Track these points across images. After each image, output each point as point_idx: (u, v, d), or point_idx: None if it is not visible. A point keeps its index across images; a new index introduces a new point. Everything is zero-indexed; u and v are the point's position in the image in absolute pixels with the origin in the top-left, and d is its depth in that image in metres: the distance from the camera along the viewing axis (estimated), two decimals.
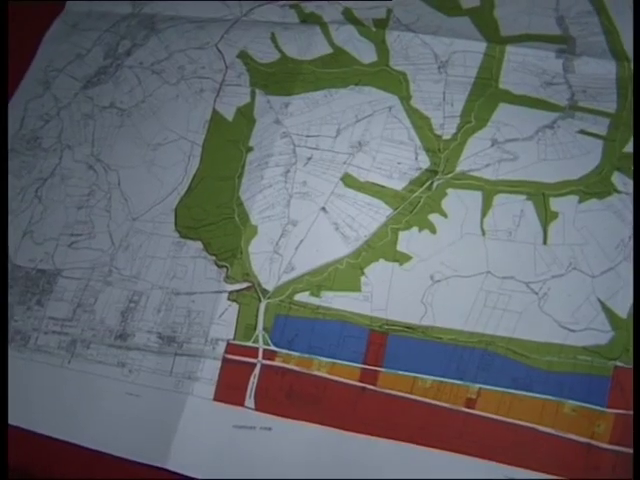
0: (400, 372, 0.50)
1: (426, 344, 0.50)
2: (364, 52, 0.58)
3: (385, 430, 0.51)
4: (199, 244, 0.55)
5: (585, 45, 0.56)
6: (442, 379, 0.50)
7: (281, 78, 0.58)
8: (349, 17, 0.59)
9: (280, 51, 0.59)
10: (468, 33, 0.57)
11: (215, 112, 0.59)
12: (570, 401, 0.50)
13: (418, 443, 0.50)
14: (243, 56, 0.60)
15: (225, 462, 0.50)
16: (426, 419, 0.50)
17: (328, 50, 0.59)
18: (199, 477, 0.49)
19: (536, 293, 0.50)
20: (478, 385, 0.50)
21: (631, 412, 0.47)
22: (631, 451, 0.46)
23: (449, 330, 0.51)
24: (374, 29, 0.59)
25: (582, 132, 0.54)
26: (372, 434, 0.51)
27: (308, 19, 0.60)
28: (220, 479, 0.48)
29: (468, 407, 0.49)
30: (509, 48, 0.57)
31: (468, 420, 0.49)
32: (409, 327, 0.50)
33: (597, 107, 0.55)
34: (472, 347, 0.50)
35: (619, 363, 0.49)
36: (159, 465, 0.50)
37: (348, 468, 0.49)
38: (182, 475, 0.48)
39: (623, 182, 0.52)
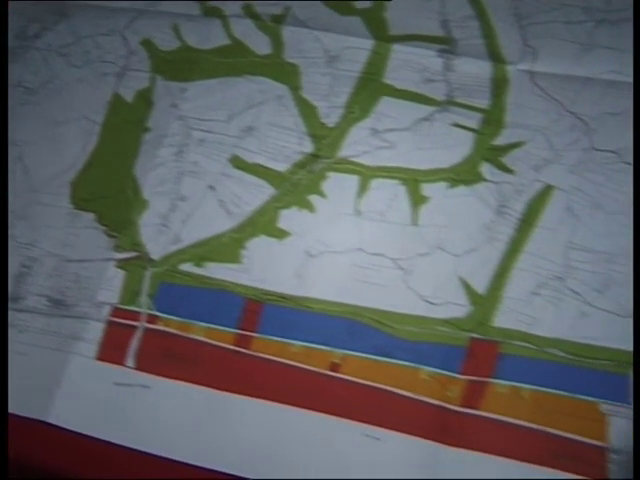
0: (272, 337, 0.57)
1: (298, 313, 0.58)
2: (260, 45, 0.67)
3: (256, 390, 0.57)
4: (93, 216, 0.63)
5: (466, 47, 0.65)
6: (310, 345, 0.57)
7: (180, 65, 0.66)
8: (248, 12, 0.67)
9: (181, 40, 0.68)
10: (358, 31, 0.66)
11: (116, 94, 0.67)
12: (427, 367, 0.57)
13: (286, 403, 0.57)
14: (146, 43, 0.68)
15: (104, 417, 0.57)
16: (294, 381, 0.56)
17: (226, 41, 0.67)
18: (78, 430, 0.56)
19: (402, 269, 0.58)
20: (343, 351, 0.56)
21: (482, 378, 0.55)
22: (480, 413, 0.54)
23: (320, 300, 0.58)
24: (271, 24, 0.67)
25: (456, 125, 0.62)
26: (244, 393, 0.58)
27: (210, 12, 0.68)
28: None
29: (333, 370, 0.56)
30: (395, 46, 0.66)
31: (332, 382, 0.56)
32: (283, 297, 0.58)
33: (471, 103, 0.64)
34: (340, 316, 0.57)
35: (474, 335, 0.56)
36: (39, 418, 0.58)
37: (219, 424, 0.56)
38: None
39: (490, 172, 0.61)
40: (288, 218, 0.62)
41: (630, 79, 0.63)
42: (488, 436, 0.56)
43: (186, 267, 0.60)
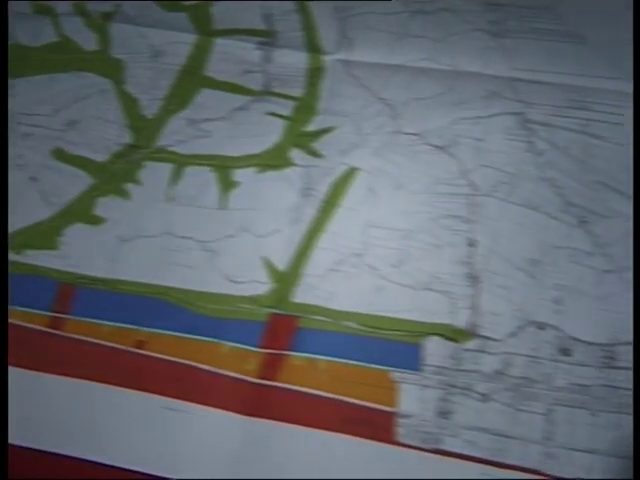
0: (84, 319, 0.65)
1: (109, 294, 0.65)
2: (88, 41, 0.74)
3: (71, 369, 0.64)
4: None
5: (286, 39, 0.73)
6: (119, 324, 0.64)
7: (10, 63, 0.74)
8: (79, 10, 0.75)
9: (12, 38, 0.75)
10: (183, 27, 0.73)
11: None
12: (228, 342, 0.64)
13: (96, 380, 0.64)
14: None
15: None
16: (104, 359, 0.64)
17: (56, 39, 0.75)
18: None
19: (209, 251, 0.66)
20: (150, 329, 0.64)
21: (279, 351, 0.62)
22: (276, 384, 0.61)
23: (132, 282, 0.65)
24: (100, 21, 0.75)
25: (270, 113, 0.70)
26: (57, 373, 0.64)
27: (41, 10, 0.76)
28: None
29: (138, 348, 0.64)
30: (217, 40, 0.74)
31: (137, 359, 0.63)
32: (97, 280, 0.66)
33: (286, 92, 0.71)
34: (149, 297, 0.65)
35: (274, 310, 0.64)
36: None
37: (34, 404, 0.63)
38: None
39: (299, 157, 0.69)
40: (104, 206, 0.69)
41: (439, 66, 0.72)
42: (284, 406, 0.62)
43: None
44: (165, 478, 0.61)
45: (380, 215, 0.67)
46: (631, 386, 0.60)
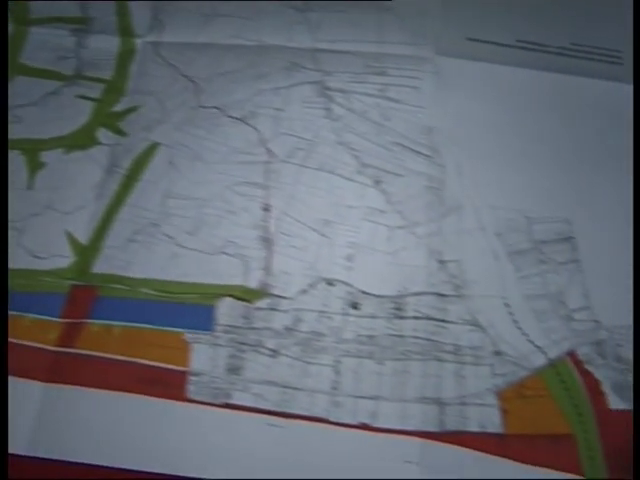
0: None
1: None
2: None
3: None
4: None
5: (101, 25, 0.80)
6: None
7: None
8: None
9: None
10: None
11: None
12: (30, 315, 0.70)
13: None
14: None
15: None
16: None
17: None
18: None
19: (16, 230, 0.72)
20: None
21: (78, 320, 0.69)
22: (75, 351, 0.68)
23: None
24: None
25: (80, 96, 0.77)
26: None
27: None
28: None
29: None
30: (33, 29, 0.81)
31: None
32: None
33: (97, 75, 0.78)
34: None
35: (75, 282, 0.70)
36: None
37: None
38: None
39: (105, 136, 0.75)
40: None
41: (245, 42, 0.79)
42: (82, 371, 0.67)
43: None
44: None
45: (178, 186, 0.73)
46: (417, 334, 0.66)
